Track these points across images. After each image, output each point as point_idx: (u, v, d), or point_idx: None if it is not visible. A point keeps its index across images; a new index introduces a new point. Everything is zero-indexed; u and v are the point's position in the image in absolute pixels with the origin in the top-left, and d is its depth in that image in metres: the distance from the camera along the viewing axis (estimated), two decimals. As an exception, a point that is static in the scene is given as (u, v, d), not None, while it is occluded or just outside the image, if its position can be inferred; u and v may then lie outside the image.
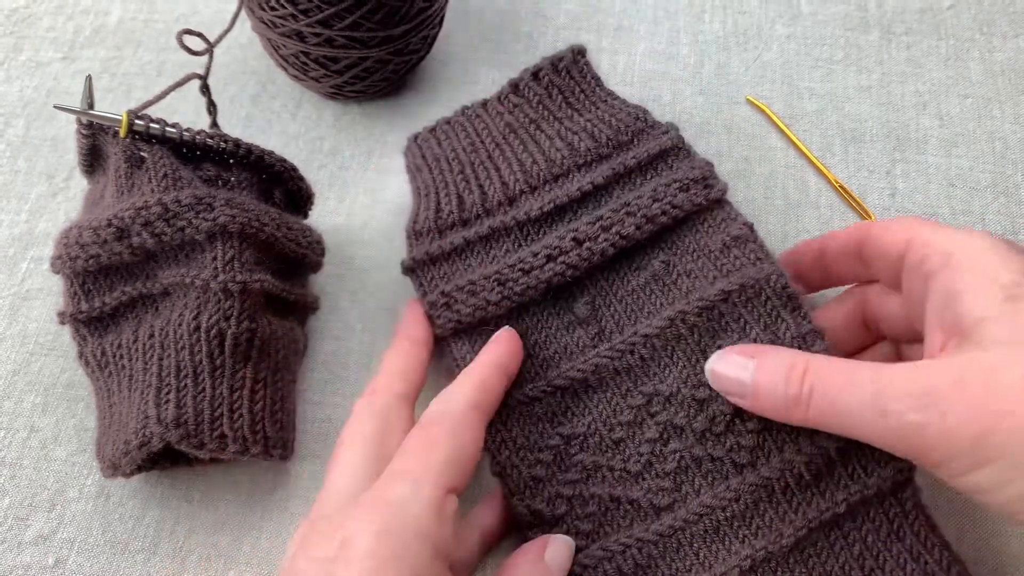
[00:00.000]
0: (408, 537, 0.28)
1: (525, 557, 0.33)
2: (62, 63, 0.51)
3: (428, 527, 0.29)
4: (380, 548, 0.27)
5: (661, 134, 0.40)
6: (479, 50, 0.51)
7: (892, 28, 0.52)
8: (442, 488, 0.30)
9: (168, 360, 0.35)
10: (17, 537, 0.37)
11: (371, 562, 0.27)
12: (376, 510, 0.29)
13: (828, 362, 0.30)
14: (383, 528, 0.28)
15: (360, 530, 0.28)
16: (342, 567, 0.27)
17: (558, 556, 0.33)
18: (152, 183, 0.36)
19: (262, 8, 0.43)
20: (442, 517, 0.29)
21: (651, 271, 0.37)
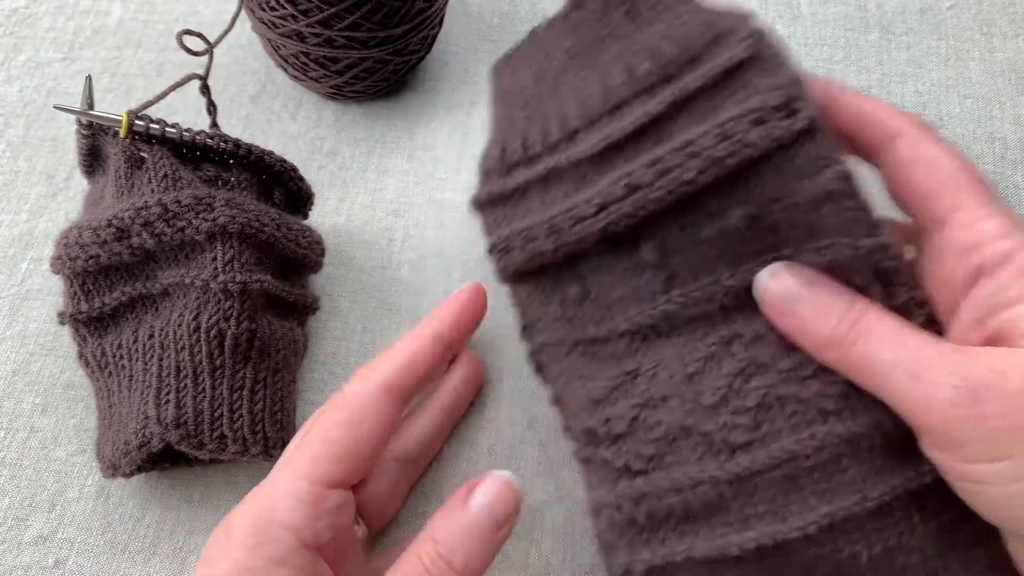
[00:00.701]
0: (275, 529, 0.29)
1: (447, 502, 0.30)
2: (62, 63, 0.51)
3: (296, 521, 0.29)
4: (252, 536, 0.29)
5: (737, 42, 0.30)
6: (479, 50, 0.51)
7: (892, 28, 0.52)
8: (320, 484, 0.30)
9: (168, 360, 0.35)
10: (17, 537, 0.37)
11: (240, 551, 0.28)
12: (257, 499, 0.30)
13: (880, 315, 0.28)
14: (256, 517, 0.29)
15: (238, 521, 0.29)
16: (222, 552, 0.29)
17: (488, 498, 0.29)
18: (152, 183, 0.36)
19: (262, 8, 0.43)
20: (317, 512, 0.29)
21: (730, 221, 0.30)
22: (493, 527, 0.29)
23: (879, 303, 0.29)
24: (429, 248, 0.44)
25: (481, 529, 0.29)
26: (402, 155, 0.48)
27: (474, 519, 0.29)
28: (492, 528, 0.29)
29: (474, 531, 0.29)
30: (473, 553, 0.28)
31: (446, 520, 0.29)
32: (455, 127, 0.48)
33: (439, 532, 0.28)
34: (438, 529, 0.29)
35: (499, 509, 0.29)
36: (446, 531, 0.28)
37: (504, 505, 0.29)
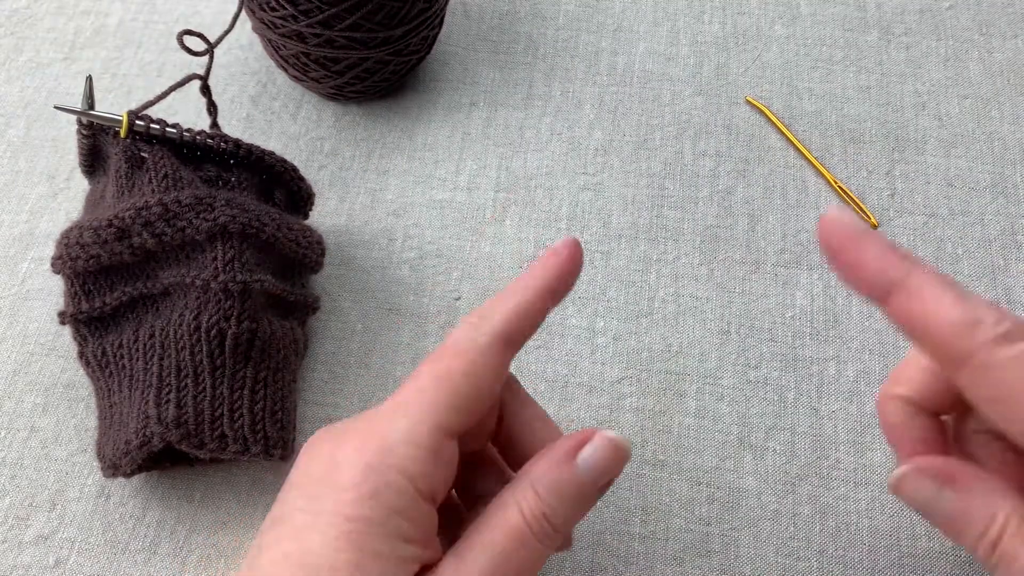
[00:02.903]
0: (392, 476, 0.26)
1: (551, 453, 0.28)
2: (62, 64, 0.51)
3: (416, 470, 0.26)
4: (363, 483, 0.26)
5: None
6: (479, 50, 0.52)
7: (891, 28, 0.52)
8: (441, 432, 0.27)
9: (168, 360, 0.35)
10: (17, 537, 0.37)
11: (348, 494, 0.26)
12: (368, 441, 0.27)
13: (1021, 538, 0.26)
14: (368, 464, 0.26)
15: (349, 459, 0.27)
16: (325, 490, 0.26)
17: (597, 460, 0.27)
18: (152, 183, 0.36)
19: (262, 9, 0.43)
20: (436, 461, 0.27)
21: None
22: (595, 489, 0.28)
23: None
24: (429, 248, 0.44)
25: (585, 491, 0.28)
26: (402, 155, 0.48)
27: (580, 480, 0.27)
28: (594, 491, 0.28)
29: (578, 491, 0.27)
30: (573, 513, 0.27)
31: (551, 474, 0.27)
32: (455, 127, 0.48)
33: (543, 486, 0.27)
34: (542, 482, 0.27)
35: (606, 471, 0.28)
36: (550, 487, 0.27)
37: (611, 467, 0.28)
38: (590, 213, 0.45)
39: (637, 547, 0.37)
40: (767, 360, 0.41)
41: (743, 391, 0.40)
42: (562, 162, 0.47)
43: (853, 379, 0.40)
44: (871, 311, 0.42)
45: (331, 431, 0.28)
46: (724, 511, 0.37)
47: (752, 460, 0.38)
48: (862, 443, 0.39)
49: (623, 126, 0.48)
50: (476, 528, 0.27)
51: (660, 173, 0.47)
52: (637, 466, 0.38)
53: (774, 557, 0.36)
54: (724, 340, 0.41)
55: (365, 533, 0.25)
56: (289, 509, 0.27)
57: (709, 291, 0.43)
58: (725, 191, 0.46)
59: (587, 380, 0.41)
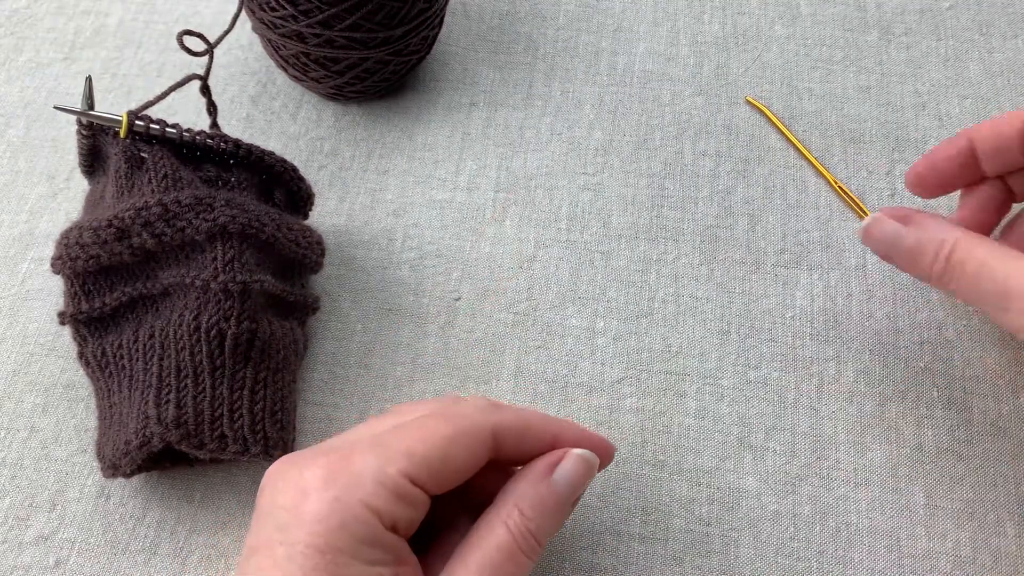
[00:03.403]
0: (358, 510, 0.27)
1: (529, 474, 0.30)
2: (62, 64, 0.51)
3: (381, 506, 0.28)
4: (331, 516, 0.27)
5: None
6: (479, 51, 0.52)
7: (891, 29, 0.52)
8: (407, 480, 0.28)
9: (168, 360, 0.35)
10: (18, 537, 0.37)
11: (318, 525, 0.27)
12: (337, 474, 0.28)
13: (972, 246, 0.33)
14: (336, 497, 0.28)
15: (315, 489, 0.28)
16: (296, 520, 0.28)
17: (570, 475, 0.30)
18: (152, 184, 0.36)
19: (262, 9, 0.43)
20: (401, 503, 0.28)
21: None
22: (571, 502, 0.31)
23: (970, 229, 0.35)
24: (429, 248, 0.44)
25: (562, 504, 0.30)
26: (402, 155, 0.48)
27: (558, 494, 0.30)
28: (570, 503, 0.31)
29: (556, 505, 0.30)
30: (552, 525, 0.30)
31: (530, 491, 0.30)
32: (455, 127, 0.48)
33: (525, 504, 0.29)
34: (524, 500, 0.30)
35: (579, 484, 0.31)
36: (532, 504, 0.29)
37: (583, 480, 0.31)
38: (590, 213, 0.45)
39: (637, 547, 0.37)
40: (767, 360, 0.41)
41: (743, 391, 0.40)
42: (562, 162, 0.47)
43: (853, 379, 0.40)
44: (871, 311, 0.42)
45: (294, 459, 0.30)
46: (724, 511, 0.37)
47: (752, 460, 0.38)
48: (862, 443, 0.39)
49: (623, 126, 0.48)
50: (467, 548, 0.29)
51: (660, 173, 0.47)
52: (637, 466, 0.38)
53: (774, 557, 0.36)
54: (724, 340, 0.41)
55: (338, 563, 0.27)
56: (265, 539, 0.28)
57: (709, 291, 0.43)
58: (725, 191, 0.46)
59: (587, 380, 0.40)
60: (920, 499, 0.37)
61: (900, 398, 0.40)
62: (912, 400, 0.40)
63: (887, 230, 0.35)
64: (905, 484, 0.38)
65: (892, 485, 0.38)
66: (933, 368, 0.40)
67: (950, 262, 0.33)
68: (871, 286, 0.43)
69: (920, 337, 0.41)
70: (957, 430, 0.39)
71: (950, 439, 0.39)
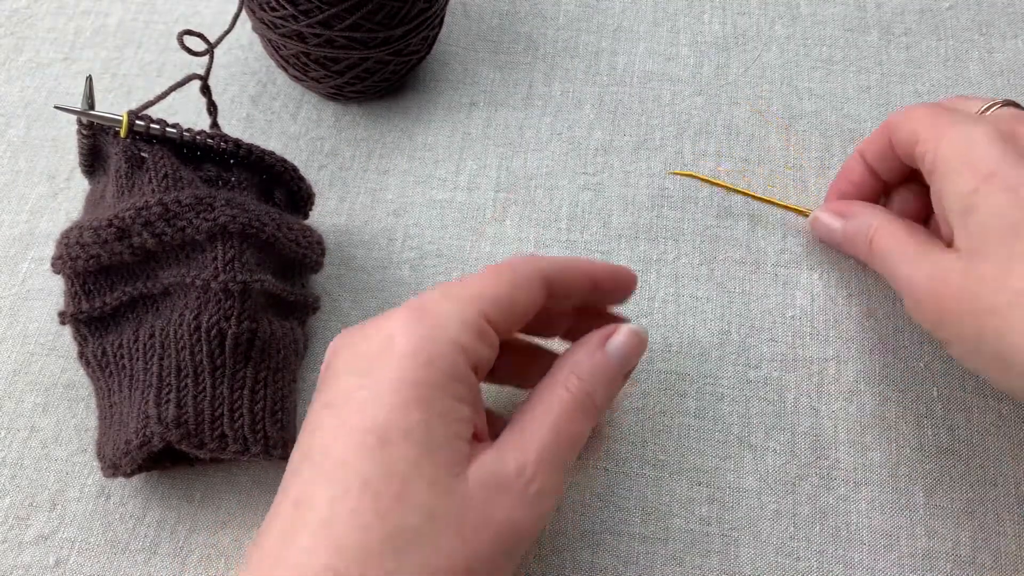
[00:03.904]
0: (445, 347, 0.29)
1: (584, 345, 0.33)
2: (63, 64, 0.51)
3: (465, 342, 0.29)
4: (419, 351, 0.28)
5: None
6: (479, 50, 0.52)
7: (891, 29, 0.52)
8: (484, 318, 0.30)
9: (168, 360, 0.35)
10: (18, 537, 0.37)
11: (408, 361, 0.28)
12: (420, 319, 0.29)
13: (884, 234, 0.37)
14: (423, 335, 0.29)
15: (402, 331, 0.29)
16: (382, 362, 0.29)
17: (622, 347, 0.33)
18: (152, 183, 0.36)
19: (263, 9, 0.43)
20: (480, 340, 0.30)
21: None
22: (623, 372, 0.33)
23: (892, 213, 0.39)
24: (429, 248, 0.44)
25: (615, 373, 0.33)
26: (402, 155, 0.48)
27: (611, 364, 0.32)
28: (622, 374, 0.33)
29: (609, 373, 0.32)
30: (607, 392, 0.32)
31: (586, 360, 0.32)
32: (455, 127, 0.48)
33: (582, 370, 0.32)
34: (580, 367, 0.32)
35: (630, 356, 0.33)
36: (588, 370, 0.32)
37: (635, 353, 0.33)
38: (590, 213, 0.45)
39: (637, 547, 0.37)
40: (767, 360, 0.41)
41: (743, 391, 0.40)
42: (562, 162, 0.47)
43: (853, 379, 0.40)
44: (871, 311, 0.42)
45: (361, 325, 0.31)
46: (724, 511, 0.37)
47: (752, 460, 0.38)
48: (862, 443, 0.39)
49: (623, 126, 0.48)
50: (529, 408, 0.31)
51: (660, 173, 0.47)
52: (637, 466, 0.38)
53: (774, 557, 0.36)
54: (724, 340, 0.41)
55: (429, 396, 0.28)
56: (341, 392, 0.29)
57: (709, 291, 0.43)
58: (725, 191, 0.46)
59: (587, 380, 0.40)
60: (920, 499, 0.37)
61: (900, 398, 0.40)
62: (912, 400, 0.40)
63: (826, 222, 0.41)
64: (905, 484, 0.38)
65: (892, 485, 0.38)
66: (933, 368, 0.40)
67: (872, 248, 0.37)
68: (871, 286, 0.43)
69: (920, 337, 0.41)
70: (957, 430, 0.39)
71: (950, 439, 0.39)
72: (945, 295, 0.33)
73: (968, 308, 0.32)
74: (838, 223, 0.40)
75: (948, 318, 0.33)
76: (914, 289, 0.35)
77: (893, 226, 0.37)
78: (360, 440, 0.27)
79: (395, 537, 0.26)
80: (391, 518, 0.26)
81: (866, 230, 0.38)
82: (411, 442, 0.27)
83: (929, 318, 0.34)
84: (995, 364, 0.32)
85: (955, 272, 0.33)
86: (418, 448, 0.27)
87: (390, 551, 0.26)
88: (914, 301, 0.35)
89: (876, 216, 0.38)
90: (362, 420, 0.28)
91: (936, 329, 0.34)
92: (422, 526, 0.27)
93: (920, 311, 0.35)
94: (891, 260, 0.36)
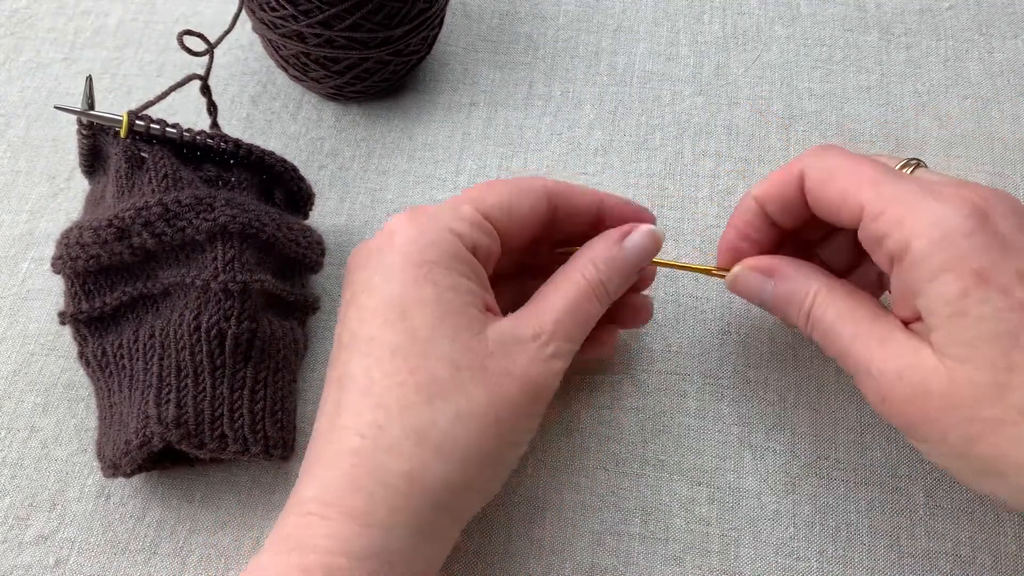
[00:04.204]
0: (442, 233, 0.32)
1: (603, 238, 0.35)
2: (63, 64, 0.51)
3: (461, 228, 0.32)
4: (421, 237, 0.32)
5: None
6: (479, 51, 0.52)
7: (891, 29, 0.52)
8: (478, 211, 0.33)
9: (168, 360, 0.35)
10: (17, 537, 0.37)
11: (411, 245, 0.32)
12: (415, 214, 0.33)
13: (825, 307, 0.32)
14: (421, 224, 0.32)
15: (402, 225, 0.32)
16: (388, 251, 0.32)
17: (638, 244, 0.35)
18: (152, 183, 0.36)
19: (263, 9, 0.43)
20: (476, 229, 0.33)
21: None
22: (636, 268, 0.35)
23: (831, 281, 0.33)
24: (429, 248, 0.44)
25: (629, 267, 0.35)
26: (402, 155, 0.48)
27: (626, 258, 0.34)
28: (636, 268, 0.35)
29: (624, 267, 0.34)
30: (619, 284, 0.35)
31: (604, 252, 0.34)
32: (455, 127, 0.48)
33: (601, 261, 0.34)
34: (599, 257, 0.34)
35: (645, 253, 0.35)
36: (604, 260, 0.34)
37: (649, 250, 0.35)
38: (590, 213, 0.45)
39: (637, 547, 0.37)
40: (767, 360, 0.41)
41: (743, 391, 0.40)
42: (562, 162, 0.47)
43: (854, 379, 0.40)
44: (871, 311, 0.42)
45: (367, 239, 0.34)
46: (724, 511, 0.37)
47: (752, 460, 0.38)
48: (862, 443, 0.39)
49: (623, 126, 0.48)
50: (547, 287, 0.34)
51: (660, 173, 0.47)
52: (637, 466, 0.38)
53: (774, 557, 0.36)
54: (724, 340, 0.41)
55: (436, 272, 0.31)
56: (361, 283, 0.32)
57: (709, 291, 0.43)
58: (725, 191, 0.46)
59: (588, 380, 0.40)
60: (920, 499, 0.37)
61: (900, 398, 0.40)
62: (912, 400, 0.40)
63: (751, 284, 0.35)
64: (905, 484, 0.38)
65: (892, 485, 0.38)
66: (933, 368, 0.40)
67: (809, 320, 0.33)
68: (871, 286, 0.43)
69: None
70: (957, 430, 0.39)
71: (950, 439, 0.39)
72: (925, 400, 0.29)
73: (955, 419, 0.28)
74: (768, 285, 0.34)
75: (928, 425, 0.29)
76: (881, 385, 0.30)
77: (835, 294, 0.32)
78: (383, 316, 0.31)
79: (427, 387, 0.30)
80: (420, 372, 0.30)
81: (802, 298, 0.33)
82: (427, 309, 0.31)
83: (900, 419, 0.30)
84: (984, 475, 0.29)
85: (939, 377, 0.29)
86: (434, 314, 0.31)
87: (424, 400, 0.30)
88: (878, 396, 0.30)
89: (812, 279, 0.33)
90: (380, 300, 0.31)
91: (908, 430, 0.30)
92: (450, 377, 0.30)
93: (888, 408, 0.30)
94: (840, 340, 0.32)
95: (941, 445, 0.29)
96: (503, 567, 0.36)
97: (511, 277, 0.38)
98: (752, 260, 0.35)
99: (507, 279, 0.37)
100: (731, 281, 0.36)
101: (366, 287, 0.32)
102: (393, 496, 0.29)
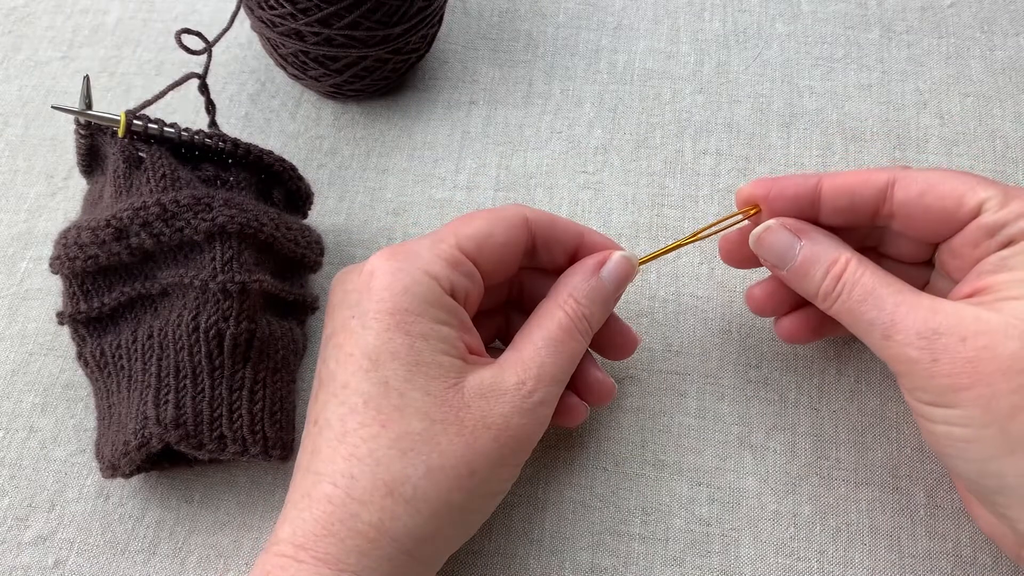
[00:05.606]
0: (418, 275, 0.32)
1: (580, 268, 0.35)
2: (61, 62, 0.51)
3: (438, 271, 0.32)
4: (394, 282, 0.32)
5: None
6: (478, 49, 0.51)
7: (892, 26, 0.51)
8: (458, 249, 0.33)
9: (167, 360, 0.35)
10: (17, 538, 0.37)
11: (386, 292, 0.32)
12: (394, 254, 0.33)
13: (863, 271, 0.33)
14: (397, 267, 0.32)
15: (379, 266, 0.32)
16: (366, 295, 0.32)
17: (615, 273, 0.35)
18: (150, 183, 0.36)
19: (261, 7, 0.43)
20: (455, 269, 0.33)
21: None
22: (616, 296, 0.35)
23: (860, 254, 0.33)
24: (429, 247, 0.44)
25: (609, 296, 0.35)
26: (401, 154, 0.47)
27: (605, 288, 0.35)
28: (615, 297, 0.35)
29: (603, 296, 0.35)
30: (601, 313, 0.35)
31: (583, 284, 0.34)
32: (454, 125, 0.48)
33: (579, 293, 0.34)
34: (577, 290, 0.34)
35: (622, 281, 0.35)
36: (584, 293, 0.34)
37: (626, 277, 0.35)
38: (590, 212, 0.45)
39: (637, 547, 0.37)
40: (768, 360, 0.41)
41: (743, 391, 0.40)
42: (562, 161, 0.47)
43: (854, 379, 0.40)
44: (872, 310, 0.42)
45: (350, 266, 0.34)
46: (724, 511, 0.37)
47: (752, 460, 0.38)
48: (863, 443, 0.39)
49: (623, 124, 0.48)
50: (529, 329, 0.34)
51: (660, 171, 0.46)
52: (637, 466, 0.38)
53: (774, 557, 0.36)
54: (725, 340, 0.41)
55: (410, 320, 0.31)
56: (341, 322, 0.32)
57: (710, 290, 0.43)
58: (726, 189, 0.46)
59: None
60: (921, 499, 0.37)
61: (901, 398, 0.40)
62: (913, 399, 0.40)
63: (781, 240, 0.34)
64: (906, 484, 0.38)
65: (893, 485, 0.38)
66: (934, 367, 0.40)
67: (840, 281, 0.33)
68: (872, 285, 0.42)
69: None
70: (958, 430, 0.39)
71: (951, 439, 0.39)
72: (991, 363, 0.29)
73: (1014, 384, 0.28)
74: (796, 244, 0.34)
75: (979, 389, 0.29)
76: (935, 347, 0.29)
77: (867, 263, 0.33)
78: (357, 364, 0.31)
79: (400, 441, 0.30)
80: (393, 425, 0.30)
81: (832, 261, 0.33)
82: (399, 361, 0.31)
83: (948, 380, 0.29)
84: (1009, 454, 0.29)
85: (1011, 341, 0.29)
86: (407, 365, 0.31)
87: (397, 454, 0.30)
88: (929, 357, 0.30)
89: (843, 246, 0.34)
90: (355, 346, 0.31)
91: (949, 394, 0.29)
92: (423, 430, 0.30)
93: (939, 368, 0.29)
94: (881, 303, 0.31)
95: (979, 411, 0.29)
96: (503, 567, 0.36)
97: (495, 311, 0.38)
98: (784, 219, 0.35)
99: (491, 313, 0.38)
100: (760, 233, 0.35)
101: (344, 328, 0.32)
102: (363, 543, 0.29)
